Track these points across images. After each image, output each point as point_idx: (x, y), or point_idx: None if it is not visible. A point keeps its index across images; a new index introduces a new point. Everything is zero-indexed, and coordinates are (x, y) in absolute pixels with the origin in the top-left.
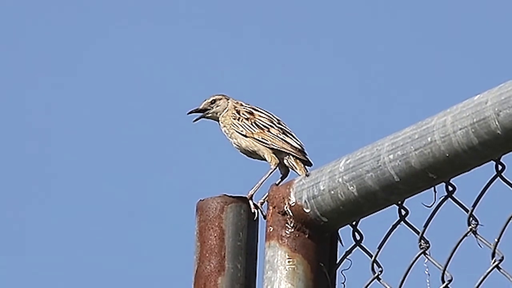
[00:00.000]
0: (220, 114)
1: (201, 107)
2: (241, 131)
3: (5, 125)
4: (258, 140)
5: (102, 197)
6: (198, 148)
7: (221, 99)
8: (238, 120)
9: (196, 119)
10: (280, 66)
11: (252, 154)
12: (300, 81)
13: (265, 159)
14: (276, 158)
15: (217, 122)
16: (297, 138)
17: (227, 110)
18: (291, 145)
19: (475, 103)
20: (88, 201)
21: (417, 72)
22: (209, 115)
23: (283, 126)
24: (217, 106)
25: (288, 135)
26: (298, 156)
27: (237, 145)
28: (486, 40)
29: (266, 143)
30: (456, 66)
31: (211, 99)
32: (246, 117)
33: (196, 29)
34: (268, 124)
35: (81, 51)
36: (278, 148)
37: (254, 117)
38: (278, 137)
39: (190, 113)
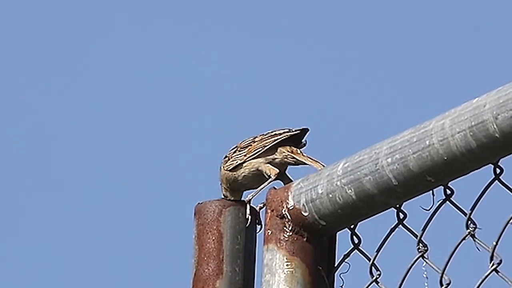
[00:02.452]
0: (231, 187)
1: None
2: (236, 162)
3: (7, 126)
4: (251, 156)
5: (100, 198)
6: (197, 151)
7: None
8: (229, 160)
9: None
10: (278, 67)
11: (260, 176)
12: (298, 83)
13: (269, 175)
14: (275, 169)
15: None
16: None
17: (221, 178)
18: (279, 133)
19: (473, 106)
20: (86, 202)
21: (415, 75)
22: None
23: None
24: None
25: (272, 133)
26: (293, 135)
27: (244, 178)
28: (485, 43)
29: (259, 151)
30: (454, 69)
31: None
32: (232, 152)
33: (197, 28)
34: (250, 140)
35: (83, 50)
36: (272, 144)
37: (238, 147)
38: (264, 139)
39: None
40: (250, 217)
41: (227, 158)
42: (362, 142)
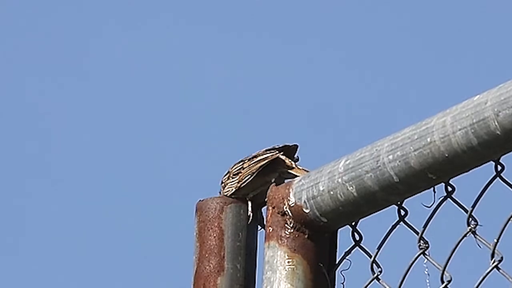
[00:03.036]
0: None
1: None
2: (232, 190)
3: (5, 125)
4: (244, 183)
5: (101, 196)
6: (198, 148)
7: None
8: (225, 186)
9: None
10: (279, 66)
11: (265, 180)
12: (300, 81)
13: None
14: (274, 174)
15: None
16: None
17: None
18: (264, 157)
19: (475, 104)
20: (87, 200)
21: (416, 72)
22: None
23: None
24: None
25: (257, 158)
26: (285, 151)
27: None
28: (486, 40)
29: (249, 178)
30: (455, 66)
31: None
32: (226, 178)
33: (196, 29)
34: (240, 166)
35: (81, 50)
36: (264, 165)
37: (230, 173)
38: (251, 165)
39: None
40: (251, 214)
41: (223, 184)
42: (363, 139)
